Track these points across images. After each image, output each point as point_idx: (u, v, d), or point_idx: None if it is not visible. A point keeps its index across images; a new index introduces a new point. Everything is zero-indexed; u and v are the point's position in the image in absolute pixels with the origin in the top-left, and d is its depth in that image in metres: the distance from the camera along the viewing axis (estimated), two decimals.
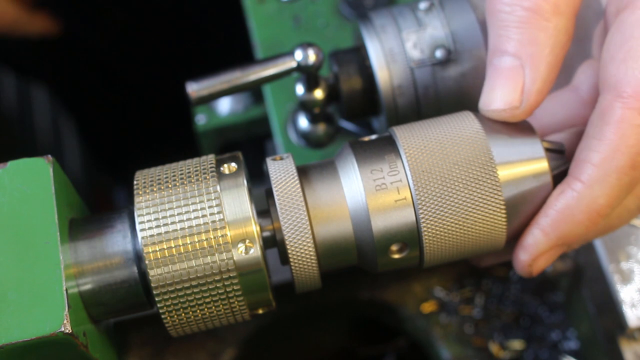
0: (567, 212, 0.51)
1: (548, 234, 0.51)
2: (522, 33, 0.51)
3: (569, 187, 0.50)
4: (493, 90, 0.52)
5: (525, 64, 0.51)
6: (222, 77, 0.58)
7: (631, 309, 0.61)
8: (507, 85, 0.51)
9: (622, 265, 0.62)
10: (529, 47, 0.51)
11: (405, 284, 0.70)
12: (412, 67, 0.59)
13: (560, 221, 0.51)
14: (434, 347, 0.69)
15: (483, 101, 0.52)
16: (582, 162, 0.50)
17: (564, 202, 0.51)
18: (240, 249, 0.50)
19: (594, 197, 0.50)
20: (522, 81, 0.51)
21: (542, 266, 0.53)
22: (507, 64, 0.51)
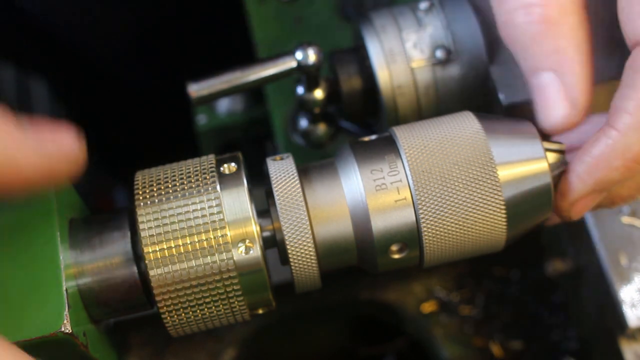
0: (602, 158, 0.51)
1: (584, 180, 0.52)
2: (542, 47, 0.52)
3: (605, 134, 0.51)
4: (544, 110, 0.53)
5: (559, 72, 0.52)
6: (223, 77, 0.58)
7: (631, 309, 0.61)
8: (551, 100, 0.53)
9: (622, 265, 0.62)
10: (554, 56, 0.52)
11: (405, 284, 0.70)
12: (412, 67, 0.59)
13: (595, 167, 0.51)
14: (434, 347, 0.69)
15: (540, 121, 0.54)
16: (617, 110, 0.50)
17: (600, 149, 0.51)
18: (241, 249, 0.50)
19: (629, 144, 0.50)
20: (563, 90, 0.52)
21: (581, 211, 0.54)
22: (543, 80, 0.53)
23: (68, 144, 0.48)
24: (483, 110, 0.55)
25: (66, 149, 0.48)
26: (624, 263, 0.62)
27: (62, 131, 0.48)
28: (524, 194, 0.52)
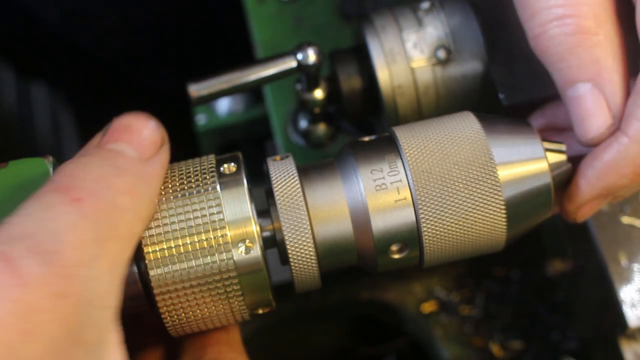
0: (612, 164, 0.51)
1: (593, 185, 0.52)
2: (580, 58, 0.51)
3: (616, 140, 0.51)
4: (584, 121, 0.52)
5: (597, 83, 0.52)
6: (222, 77, 0.58)
7: (631, 309, 0.61)
8: (592, 111, 0.52)
9: (622, 265, 0.62)
10: (593, 67, 0.51)
11: (405, 284, 0.71)
12: (412, 67, 0.59)
13: (605, 173, 0.52)
14: (434, 347, 0.69)
15: (579, 134, 0.53)
16: (629, 117, 0.51)
17: (610, 155, 0.51)
18: (241, 249, 0.50)
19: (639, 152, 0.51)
20: (603, 100, 0.52)
21: (587, 214, 0.54)
22: (581, 91, 0.52)
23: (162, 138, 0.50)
24: (483, 110, 0.55)
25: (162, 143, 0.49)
26: (624, 263, 0.62)
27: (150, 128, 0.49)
28: (524, 194, 0.52)
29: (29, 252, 0.38)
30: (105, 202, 0.42)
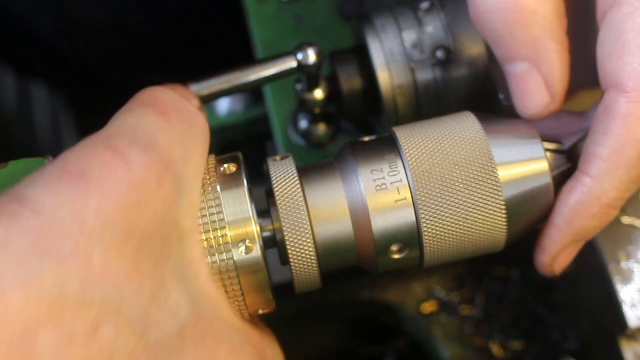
0: (579, 207, 0.51)
1: (564, 231, 0.52)
2: (517, 36, 0.52)
3: (579, 182, 0.51)
4: (522, 97, 0.53)
5: (535, 61, 0.52)
6: (222, 77, 0.58)
7: (631, 309, 0.61)
8: (529, 88, 0.53)
9: (622, 265, 0.62)
10: (530, 46, 0.52)
11: (405, 284, 0.71)
12: (412, 67, 0.59)
13: (574, 217, 0.52)
14: (434, 347, 0.69)
15: (519, 109, 0.54)
16: (590, 157, 0.51)
17: (576, 198, 0.51)
18: (241, 249, 0.50)
19: (605, 191, 0.50)
20: (540, 79, 0.52)
21: (564, 263, 0.54)
22: (519, 68, 0.53)
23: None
24: (483, 110, 0.55)
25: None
26: (624, 263, 0.62)
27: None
28: (524, 194, 0.52)
29: (131, 143, 0.43)
30: (186, 117, 0.48)
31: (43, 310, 0.37)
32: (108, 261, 0.40)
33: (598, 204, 0.51)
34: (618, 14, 0.50)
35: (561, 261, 0.54)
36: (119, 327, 0.39)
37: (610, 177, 0.50)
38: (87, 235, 0.39)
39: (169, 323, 0.43)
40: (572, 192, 0.52)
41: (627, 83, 0.49)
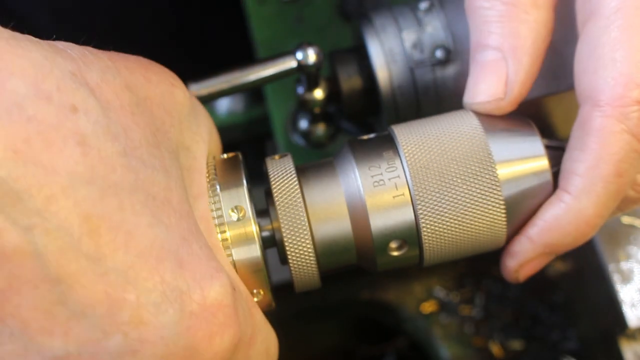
0: (555, 223, 0.51)
1: (535, 243, 0.52)
2: (502, 27, 0.51)
3: (557, 198, 0.51)
4: (477, 84, 0.52)
5: (508, 56, 0.51)
6: (222, 77, 0.58)
7: (631, 309, 0.61)
8: (490, 77, 0.52)
9: (622, 265, 0.62)
10: (510, 39, 0.51)
11: (405, 284, 0.71)
12: (412, 67, 0.59)
13: (548, 231, 0.51)
14: (434, 347, 0.69)
15: (467, 95, 0.53)
16: (567, 174, 0.50)
17: (552, 213, 0.51)
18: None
19: (582, 208, 0.50)
20: (505, 73, 0.52)
21: (529, 273, 0.54)
22: (489, 57, 0.52)
23: None
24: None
25: None
26: (624, 263, 0.62)
27: None
28: (524, 191, 0.52)
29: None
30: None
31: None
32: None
33: (575, 222, 0.50)
34: (594, 28, 0.50)
35: (527, 270, 0.54)
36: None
37: (587, 194, 0.49)
38: None
39: None
40: (550, 206, 0.51)
41: (600, 97, 0.48)
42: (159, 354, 0.38)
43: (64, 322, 0.37)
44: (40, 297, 0.36)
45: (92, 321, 0.37)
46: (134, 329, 0.38)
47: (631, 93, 0.48)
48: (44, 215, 0.36)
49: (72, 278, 0.37)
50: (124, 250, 0.38)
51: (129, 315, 0.38)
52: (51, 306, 0.36)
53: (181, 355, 0.39)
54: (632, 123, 0.48)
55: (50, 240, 0.36)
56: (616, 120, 0.48)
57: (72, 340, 0.37)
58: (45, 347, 0.37)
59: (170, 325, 0.39)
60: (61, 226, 0.37)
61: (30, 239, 0.36)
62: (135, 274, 0.38)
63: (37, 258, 0.36)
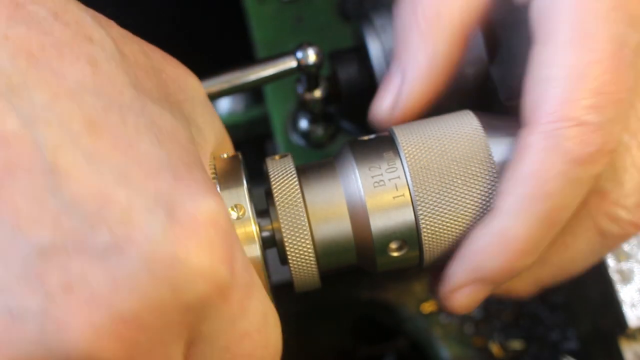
0: (480, 243, 0.49)
1: (463, 266, 0.50)
2: (406, 42, 0.52)
3: (489, 216, 0.49)
4: (377, 95, 0.54)
5: (404, 74, 0.53)
6: (222, 77, 0.58)
7: (631, 309, 0.61)
8: (385, 89, 0.54)
9: (622, 265, 0.62)
10: (409, 56, 0.52)
11: (405, 284, 0.71)
12: None
13: (474, 252, 0.49)
14: (434, 347, 0.69)
15: (371, 107, 0.55)
16: (498, 193, 0.49)
17: (478, 232, 0.49)
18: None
19: (506, 229, 0.48)
20: (397, 85, 0.53)
21: (462, 301, 0.51)
22: (392, 70, 0.53)
23: None
24: (483, 110, 0.55)
25: None
26: (624, 263, 0.62)
27: None
28: None
29: None
30: None
31: None
32: None
33: (499, 242, 0.48)
34: (534, 48, 0.49)
35: (460, 298, 0.51)
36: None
37: (513, 214, 0.48)
38: None
39: None
40: (480, 225, 0.49)
41: (532, 115, 0.48)
42: (143, 256, 0.38)
43: (53, 212, 0.37)
44: (33, 185, 0.37)
45: (81, 215, 0.37)
46: (122, 227, 0.38)
47: (562, 110, 0.46)
48: (47, 111, 0.38)
49: (68, 171, 0.38)
50: (122, 155, 0.39)
51: (118, 213, 0.38)
52: (43, 195, 0.37)
53: (166, 263, 0.38)
54: (562, 140, 0.46)
55: (51, 133, 0.38)
56: (545, 138, 0.47)
57: (59, 232, 0.37)
58: (32, 236, 0.37)
59: (158, 229, 0.38)
60: (63, 122, 0.38)
61: (31, 129, 0.37)
62: (130, 176, 0.39)
63: (36, 147, 0.37)
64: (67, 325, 0.37)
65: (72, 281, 0.37)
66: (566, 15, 0.48)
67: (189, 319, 0.40)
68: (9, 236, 0.37)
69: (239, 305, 0.42)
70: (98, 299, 0.37)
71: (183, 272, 0.39)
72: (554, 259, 0.52)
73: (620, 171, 0.49)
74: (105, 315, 0.37)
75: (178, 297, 0.39)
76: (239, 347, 0.43)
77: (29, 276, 0.37)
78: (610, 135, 0.47)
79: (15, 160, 0.37)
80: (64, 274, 0.37)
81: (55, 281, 0.37)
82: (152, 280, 0.38)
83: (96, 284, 0.37)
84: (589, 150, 0.46)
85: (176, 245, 0.39)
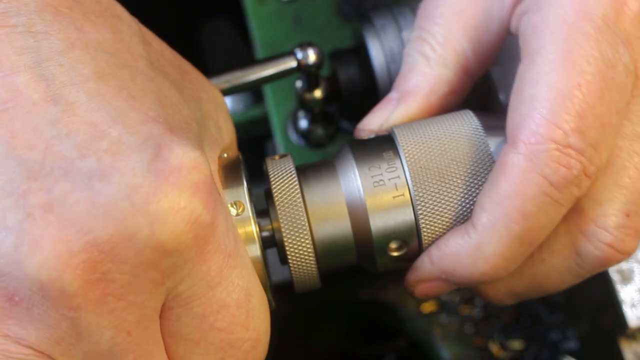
0: (454, 250, 0.49)
1: (434, 265, 0.51)
2: (408, 73, 0.54)
3: (464, 228, 0.50)
4: (372, 113, 0.55)
5: (400, 99, 0.54)
6: (222, 77, 0.58)
7: (631, 309, 0.61)
8: (378, 110, 0.55)
9: (622, 265, 0.62)
10: (407, 85, 0.54)
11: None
12: None
13: (446, 257, 0.50)
14: (434, 347, 0.69)
15: (364, 119, 0.56)
16: (476, 207, 0.49)
17: (454, 240, 0.50)
18: None
19: (481, 244, 0.48)
20: (389, 111, 0.54)
21: (425, 292, 0.53)
22: (390, 94, 0.55)
23: None
24: (483, 110, 0.55)
25: None
26: (624, 263, 0.62)
27: None
28: None
29: None
30: None
31: None
32: None
33: (472, 255, 0.49)
34: (520, 66, 0.49)
35: (424, 288, 0.52)
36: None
37: (489, 230, 0.48)
38: None
39: None
40: (455, 234, 0.50)
41: (516, 134, 0.47)
42: (126, 184, 0.39)
43: (47, 138, 0.39)
44: (34, 113, 0.40)
45: (72, 143, 0.40)
46: (109, 157, 0.40)
47: (544, 131, 0.46)
48: (61, 55, 0.41)
49: (69, 105, 0.40)
50: (123, 101, 0.41)
51: (107, 144, 0.40)
52: (41, 123, 0.40)
53: (147, 196, 0.40)
54: (542, 162, 0.46)
55: (60, 71, 0.41)
56: (525, 159, 0.47)
57: (50, 156, 0.39)
58: (24, 158, 0.39)
59: (144, 163, 0.40)
60: (74, 66, 0.41)
61: (44, 66, 0.41)
62: (126, 118, 0.41)
63: (44, 81, 0.40)
64: (41, 243, 0.38)
65: (53, 202, 0.39)
66: (553, 34, 0.47)
67: (165, 265, 0.41)
68: (2, 155, 0.39)
69: (218, 270, 0.43)
70: (75, 221, 0.38)
71: (162, 207, 0.40)
72: (529, 272, 0.52)
73: (600, 190, 0.49)
74: (79, 238, 0.38)
75: (155, 234, 0.40)
76: (216, 319, 0.44)
77: (14, 193, 0.39)
78: (592, 160, 0.46)
79: (22, 89, 0.40)
80: (46, 194, 0.39)
81: (37, 201, 0.39)
82: (131, 210, 0.39)
83: (76, 206, 0.39)
84: (569, 175, 0.46)
85: (159, 181, 0.40)
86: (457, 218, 0.51)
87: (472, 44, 0.53)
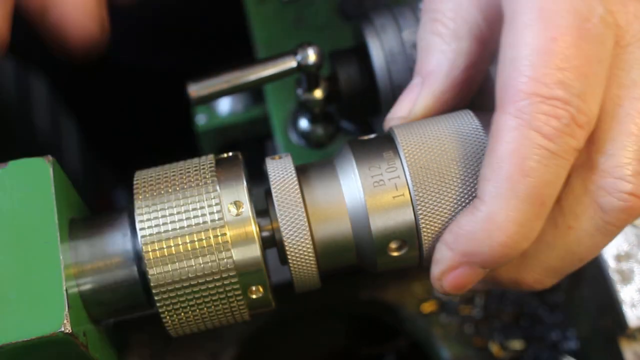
0: (468, 229, 0.49)
1: (452, 250, 0.50)
2: (425, 55, 0.54)
3: (473, 205, 0.49)
4: (398, 103, 0.55)
5: (423, 81, 0.54)
6: (222, 77, 0.58)
7: (631, 309, 0.61)
8: (404, 98, 0.54)
9: (622, 265, 0.62)
10: (427, 66, 0.54)
11: (405, 284, 0.71)
12: (412, 67, 0.59)
13: (462, 239, 0.49)
14: (434, 347, 0.69)
15: (391, 111, 0.55)
16: (480, 180, 0.49)
17: (466, 219, 0.49)
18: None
19: (492, 213, 0.48)
20: (415, 96, 0.54)
21: (454, 283, 0.51)
22: (414, 81, 0.55)
23: None
24: (482, 110, 0.55)
25: None
26: (624, 263, 0.62)
27: None
28: None
29: None
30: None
31: None
32: None
33: (487, 228, 0.48)
34: (502, 33, 0.50)
35: (451, 279, 0.51)
36: None
37: (495, 197, 0.47)
38: None
39: None
40: (466, 213, 0.50)
41: (501, 97, 0.48)
42: None
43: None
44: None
45: None
46: None
47: (527, 88, 0.47)
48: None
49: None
50: None
51: None
52: None
53: None
54: (531, 117, 0.46)
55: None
56: (515, 117, 0.47)
57: None
58: None
59: None
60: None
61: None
62: None
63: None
64: None
65: None
66: None
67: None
68: None
69: None
70: None
71: None
72: (560, 243, 0.51)
73: (608, 142, 0.49)
74: None
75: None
76: None
77: None
78: (580, 109, 0.47)
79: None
80: None
81: None
82: None
83: None
84: (559, 125, 0.47)
85: None
86: None
87: (482, 12, 0.53)
